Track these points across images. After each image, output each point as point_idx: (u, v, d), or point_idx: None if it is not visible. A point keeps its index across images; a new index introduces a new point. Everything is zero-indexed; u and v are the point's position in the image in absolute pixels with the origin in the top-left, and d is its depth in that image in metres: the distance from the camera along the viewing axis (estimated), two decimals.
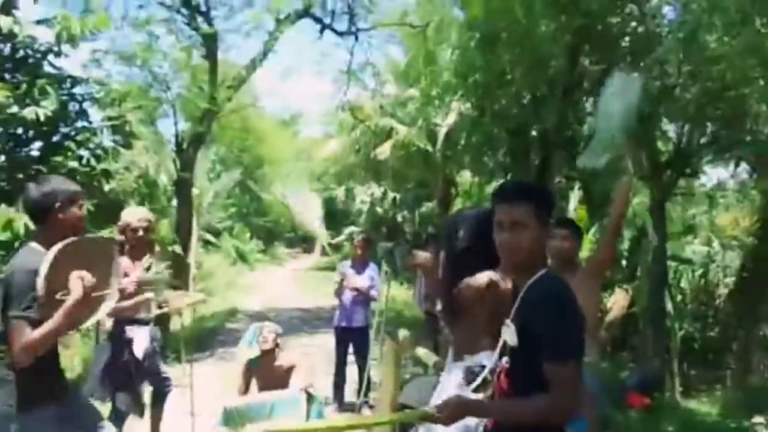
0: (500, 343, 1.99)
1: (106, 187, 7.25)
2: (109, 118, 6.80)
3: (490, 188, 16.34)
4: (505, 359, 1.96)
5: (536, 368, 1.79)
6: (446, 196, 17.59)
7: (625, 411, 5.19)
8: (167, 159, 9.89)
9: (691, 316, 11.12)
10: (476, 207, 4.82)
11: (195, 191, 7.14)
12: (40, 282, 2.41)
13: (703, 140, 7.89)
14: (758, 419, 7.52)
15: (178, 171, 8.36)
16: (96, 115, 6.87)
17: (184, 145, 8.48)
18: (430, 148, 14.68)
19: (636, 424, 4.79)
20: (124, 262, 4.05)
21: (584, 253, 10.17)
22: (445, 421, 1.87)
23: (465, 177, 17.77)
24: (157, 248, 4.62)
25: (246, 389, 5.11)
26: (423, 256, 3.31)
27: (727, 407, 7.88)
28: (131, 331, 4.07)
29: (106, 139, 6.94)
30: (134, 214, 4.26)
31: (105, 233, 7.26)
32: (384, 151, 15.31)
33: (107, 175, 6.62)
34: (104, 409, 4.38)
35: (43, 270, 2.42)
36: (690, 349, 10.64)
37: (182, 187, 8.26)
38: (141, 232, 4.12)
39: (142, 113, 8.29)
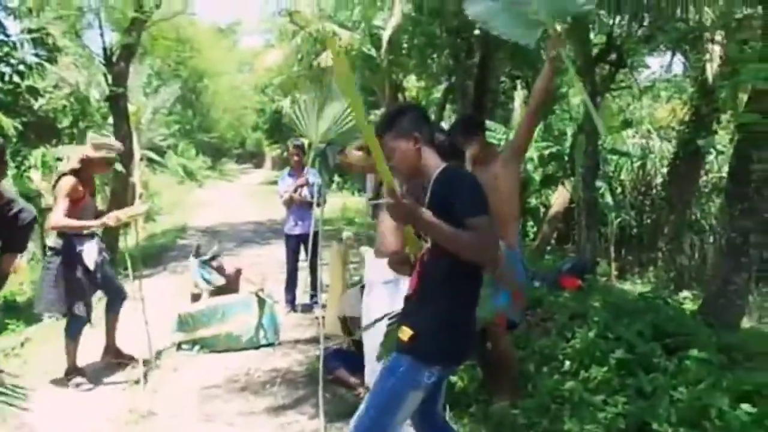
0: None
1: (35, 105, 6.96)
2: (29, 31, 6.40)
3: (438, 92, 16.32)
4: (427, 240, 2.22)
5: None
6: (394, 102, 17.43)
7: (558, 292, 5.60)
8: (98, 74, 9.43)
9: (629, 205, 11.70)
10: None
11: (131, 107, 6.87)
12: None
13: (638, 32, 8.00)
14: (686, 294, 8.21)
15: (109, 86, 7.99)
16: (14, 28, 6.46)
17: (114, 58, 8.06)
18: (374, 53, 14.38)
19: (566, 301, 5.18)
20: (77, 184, 4.02)
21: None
22: (399, 211, 2.11)
23: (412, 82, 17.60)
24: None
25: (199, 297, 5.28)
26: (356, 154, 3.39)
27: (659, 285, 8.53)
28: (80, 243, 4.10)
29: (28, 54, 6.58)
30: (112, 149, 4.22)
31: (39, 152, 7.07)
32: (327, 57, 14.89)
33: (34, 92, 6.35)
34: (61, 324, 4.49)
35: None
36: (627, 237, 11.30)
37: (116, 102, 7.92)
38: (110, 165, 4.16)
39: (64, 24, 7.81)
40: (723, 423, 3.06)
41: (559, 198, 10.93)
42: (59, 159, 7.00)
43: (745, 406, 3.10)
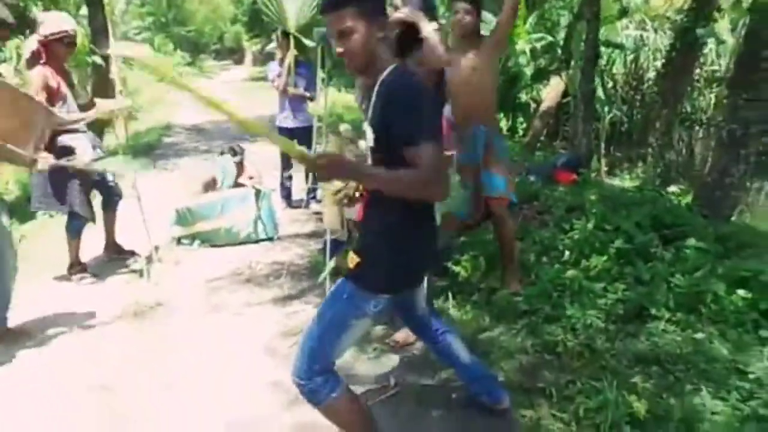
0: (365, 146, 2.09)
1: None
2: None
3: None
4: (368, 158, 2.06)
5: (396, 161, 1.83)
6: None
7: (553, 186, 5.62)
8: None
9: (621, 100, 11.56)
10: None
11: None
12: None
13: None
14: (673, 188, 8.32)
15: None
16: None
17: None
18: None
19: (562, 195, 5.21)
20: (48, 73, 3.79)
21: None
22: (321, 172, 1.88)
23: None
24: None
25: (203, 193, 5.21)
26: None
27: (647, 181, 8.62)
28: (72, 140, 3.94)
29: None
30: (67, 22, 3.88)
31: (13, 43, 6.68)
32: None
33: None
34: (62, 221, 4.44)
35: None
36: (618, 132, 11.25)
37: None
38: (74, 45, 3.88)
39: None
40: (718, 307, 3.19)
41: (551, 92, 10.73)
42: None
43: (741, 292, 3.22)
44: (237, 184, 5.32)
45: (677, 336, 3.07)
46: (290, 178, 6.06)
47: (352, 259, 2.01)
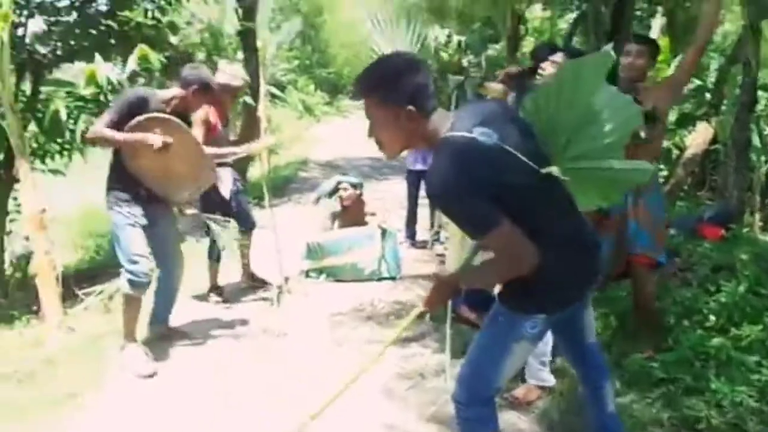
0: None
1: (174, 40, 7.30)
2: None
3: (564, 23, 15.29)
4: None
5: None
6: (515, 35, 16.58)
7: (697, 241, 5.18)
8: (228, 9, 9.71)
9: None
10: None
11: (258, 43, 6.99)
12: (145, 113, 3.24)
13: None
14: None
15: (240, 21, 8.22)
16: None
17: None
18: None
19: (708, 252, 4.77)
20: (210, 112, 4.23)
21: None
22: (432, 306, 2.04)
23: (535, 12, 16.61)
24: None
25: (331, 228, 5.44)
26: (495, 86, 3.24)
27: None
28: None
29: None
30: (237, 79, 4.39)
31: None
32: None
33: (173, 28, 6.64)
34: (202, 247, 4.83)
35: (152, 107, 3.28)
36: None
37: (247, 37, 8.16)
38: (236, 97, 4.39)
39: None
40: None
41: (698, 138, 9.99)
42: None
43: None
44: (355, 216, 5.45)
45: None
46: (416, 218, 6.14)
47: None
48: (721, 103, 9.39)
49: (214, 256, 4.50)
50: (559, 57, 3.13)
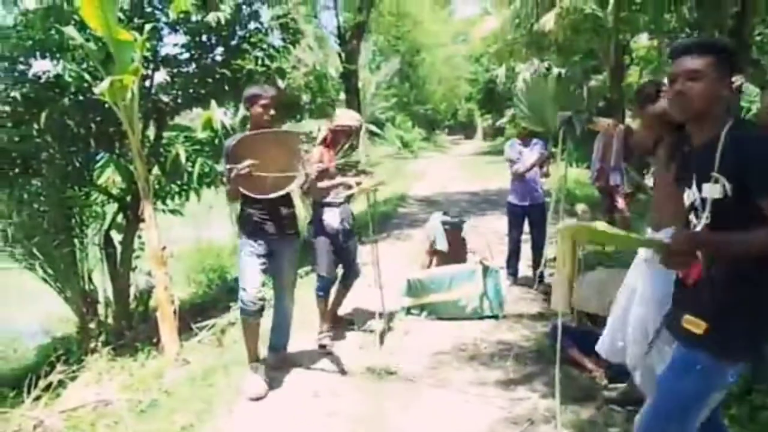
0: (695, 202, 1.90)
1: (281, 85, 7.71)
2: (278, 17, 7.07)
3: None
4: (705, 216, 1.85)
5: (743, 216, 1.75)
6: (619, 65, 16.02)
7: None
8: (331, 53, 10.17)
9: None
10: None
11: (359, 84, 7.27)
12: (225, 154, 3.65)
13: None
14: None
15: (343, 63, 8.57)
16: (265, 15, 7.17)
17: (347, 37, 8.59)
18: (600, 12, 13.31)
19: None
20: (325, 153, 4.45)
21: None
22: (678, 254, 1.81)
23: (640, 42, 16.01)
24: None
25: (429, 265, 5.43)
26: (606, 121, 3.12)
27: None
28: (326, 212, 4.45)
29: (276, 39, 7.28)
30: (351, 120, 4.66)
31: (285, 127, 7.84)
32: (548, 21, 14.17)
33: (281, 73, 6.99)
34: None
35: (226, 146, 3.66)
36: None
37: (349, 78, 8.51)
38: (351, 137, 4.68)
39: (306, 8, 8.50)
40: None
41: None
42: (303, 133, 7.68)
43: None
44: (454, 253, 5.42)
45: None
46: (519, 255, 5.98)
47: (698, 325, 1.85)
48: None
49: (320, 290, 4.59)
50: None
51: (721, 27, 8.37)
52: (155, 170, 6.07)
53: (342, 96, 9.56)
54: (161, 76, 6.40)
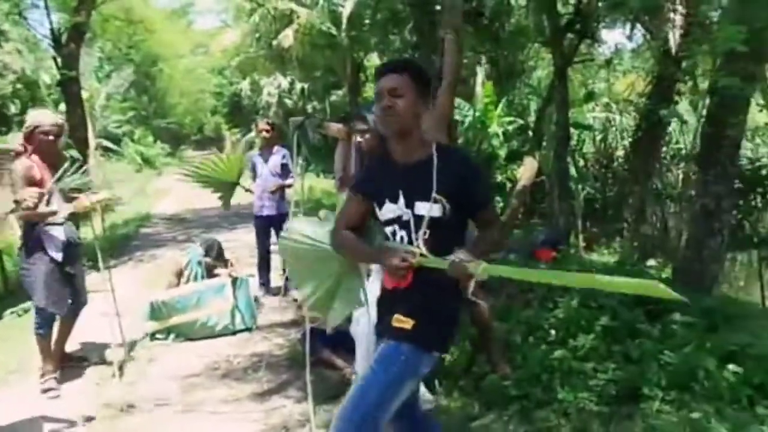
0: (402, 216, 2.07)
1: None
2: None
3: None
4: (423, 232, 2.02)
5: (457, 228, 2.07)
6: (356, 82, 17.21)
7: (534, 264, 5.61)
8: (46, 58, 8.99)
9: (593, 178, 11.86)
10: None
11: (84, 93, 6.51)
12: None
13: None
14: (651, 262, 8.37)
15: (60, 70, 7.59)
16: None
17: (63, 40, 7.64)
18: (334, 31, 14.13)
19: None
20: (31, 164, 3.76)
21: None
22: (403, 267, 1.97)
23: (373, 60, 17.42)
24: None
25: (177, 284, 5.07)
26: (336, 126, 3.27)
27: (624, 255, 8.68)
28: (44, 233, 3.83)
29: None
30: (45, 117, 3.95)
31: None
32: (286, 37, 14.58)
33: None
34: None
35: None
36: (592, 209, 11.45)
37: (68, 87, 7.56)
38: (52, 136, 3.83)
39: (6, 5, 7.36)
40: (712, 383, 3.10)
41: (526, 171, 10.95)
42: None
43: (732, 366, 3.15)
44: (211, 275, 5.20)
45: (673, 417, 2.95)
46: (268, 265, 5.97)
47: (407, 322, 2.03)
48: (542, 140, 10.44)
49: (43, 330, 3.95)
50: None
51: (435, 49, 9.49)
52: None
53: (62, 107, 8.48)
54: None
